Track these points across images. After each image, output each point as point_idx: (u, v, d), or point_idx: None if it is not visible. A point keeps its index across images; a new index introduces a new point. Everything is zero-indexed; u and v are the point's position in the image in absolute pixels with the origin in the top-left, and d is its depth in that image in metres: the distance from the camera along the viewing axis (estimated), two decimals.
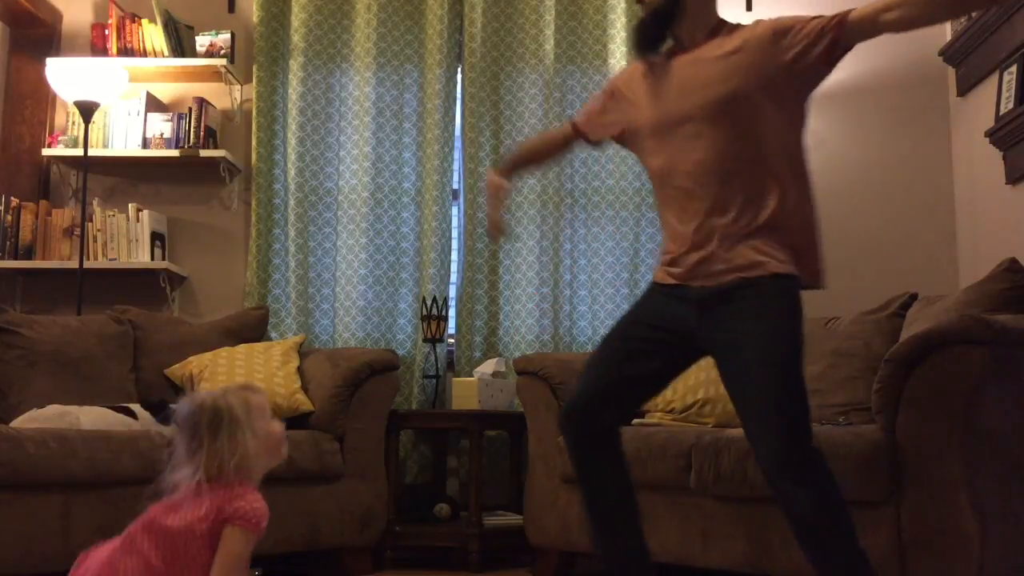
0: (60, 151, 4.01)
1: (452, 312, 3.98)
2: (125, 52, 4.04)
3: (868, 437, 2.39)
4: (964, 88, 3.75)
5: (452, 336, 3.98)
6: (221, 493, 1.70)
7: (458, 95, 4.12)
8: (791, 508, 1.98)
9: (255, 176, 4.02)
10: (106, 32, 4.08)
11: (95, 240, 3.93)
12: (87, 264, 3.83)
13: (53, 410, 2.86)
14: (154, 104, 4.09)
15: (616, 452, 2.24)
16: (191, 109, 4.01)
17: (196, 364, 3.43)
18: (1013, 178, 3.30)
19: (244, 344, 3.60)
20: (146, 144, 4.01)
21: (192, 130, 3.99)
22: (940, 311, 2.77)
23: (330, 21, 4.11)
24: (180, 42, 4.08)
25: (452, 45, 4.09)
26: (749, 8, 4.05)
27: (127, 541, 1.71)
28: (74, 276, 3.79)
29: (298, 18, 4.09)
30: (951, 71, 3.86)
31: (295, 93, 4.05)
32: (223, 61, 4.03)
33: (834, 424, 2.80)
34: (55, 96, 4.07)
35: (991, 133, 3.35)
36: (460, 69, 4.12)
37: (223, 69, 4.03)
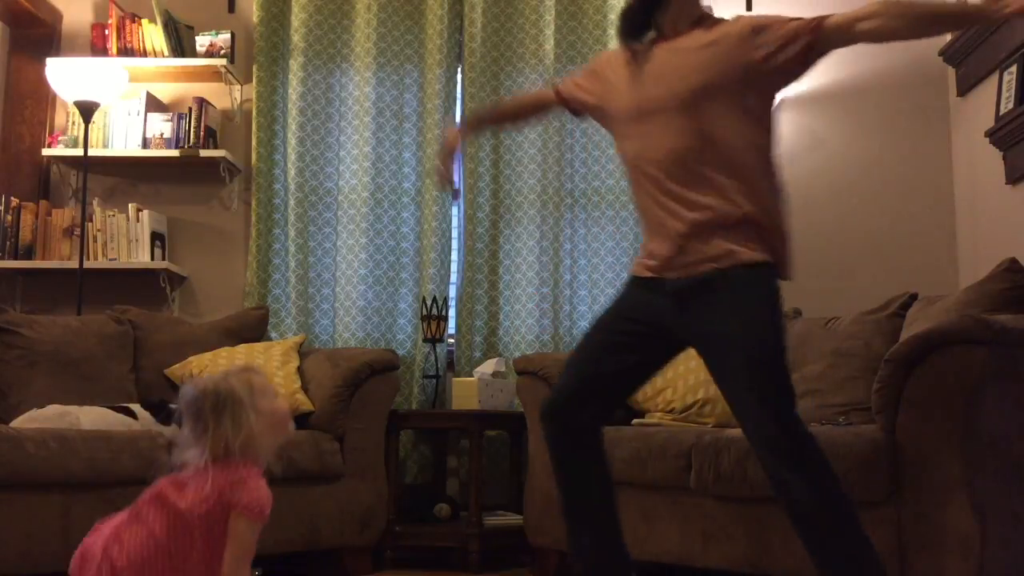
0: (60, 151, 4.01)
1: (452, 312, 3.98)
2: (125, 52, 4.04)
3: (868, 437, 2.40)
4: (964, 88, 3.75)
5: (452, 336, 3.98)
6: (226, 473, 1.73)
7: (458, 95, 4.12)
8: (789, 495, 1.99)
9: (255, 176, 4.02)
10: (106, 32, 4.08)
11: (95, 240, 3.93)
12: (87, 264, 3.83)
13: (53, 410, 2.86)
14: (154, 104, 4.09)
15: (597, 450, 2.23)
16: (191, 109, 4.01)
17: (196, 364, 3.43)
18: (1013, 178, 3.30)
19: (244, 344, 3.61)
20: (146, 144, 4.01)
21: (192, 130, 3.99)
22: (940, 311, 2.77)
23: (330, 21, 4.11)
24: (180, 42, 4.08)
25: (452, 45, 4.09)
26: (749, 8, 4.04)
27: (134, 512, 1.75)
28: (74, 276, 3.79)
29: (298, 18, 4.09)
30: (951, 71, 3.86)
31: (295, 93, 4.05)
32: (223, 61, 4.03)
33: (834, 424, 2.80)
34: (55, 96, 4.07)
35: (991, 133, 3.35)
36: (460, 69, 4.12)
37: (223, 69, 4.03)
